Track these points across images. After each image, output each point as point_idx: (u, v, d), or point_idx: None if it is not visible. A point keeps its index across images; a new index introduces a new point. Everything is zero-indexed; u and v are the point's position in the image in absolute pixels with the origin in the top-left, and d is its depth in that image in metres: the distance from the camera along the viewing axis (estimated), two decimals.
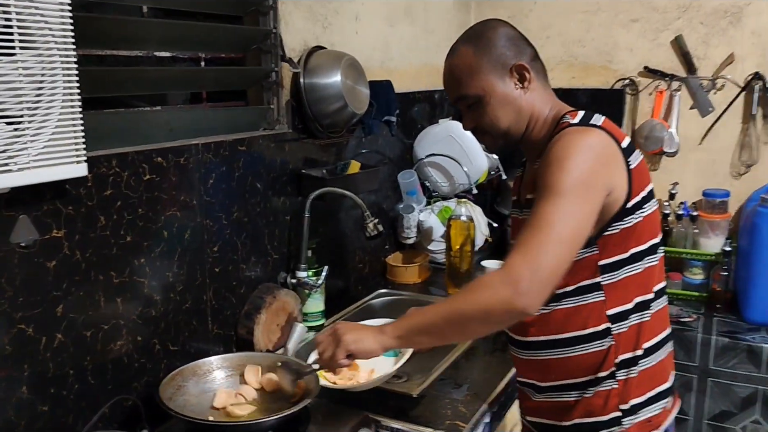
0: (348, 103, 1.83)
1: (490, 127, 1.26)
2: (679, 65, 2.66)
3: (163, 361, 1.45)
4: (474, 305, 1.11)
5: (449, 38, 2.71)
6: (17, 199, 1.11)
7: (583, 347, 1.22)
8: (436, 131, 2.48)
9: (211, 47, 1.69)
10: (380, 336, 1.22)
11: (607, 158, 1.15)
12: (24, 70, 1.01)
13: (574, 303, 1.21)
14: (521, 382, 1.37)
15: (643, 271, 1.21)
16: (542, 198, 1.11)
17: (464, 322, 1.14)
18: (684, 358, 2.33)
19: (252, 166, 1.67)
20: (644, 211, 1.19)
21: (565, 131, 1.17)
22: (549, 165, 1.13)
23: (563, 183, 1.10)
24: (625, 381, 1.22)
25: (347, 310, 2.04)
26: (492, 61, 1.23)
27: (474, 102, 1.25)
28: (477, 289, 1.12)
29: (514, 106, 1.24)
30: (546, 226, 1.08)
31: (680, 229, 2.60)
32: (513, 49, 1.24)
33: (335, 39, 2.00)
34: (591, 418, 1.24)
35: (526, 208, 1.28)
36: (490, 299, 1.08)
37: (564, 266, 1.09)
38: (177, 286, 1.47)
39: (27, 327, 1.16)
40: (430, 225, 2.40)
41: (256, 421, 1.28)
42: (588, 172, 1.12)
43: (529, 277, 1.05)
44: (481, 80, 1.23)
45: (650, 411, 1.24)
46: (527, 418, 1.38)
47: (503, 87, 1.23)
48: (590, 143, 1.14)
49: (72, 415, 1.25)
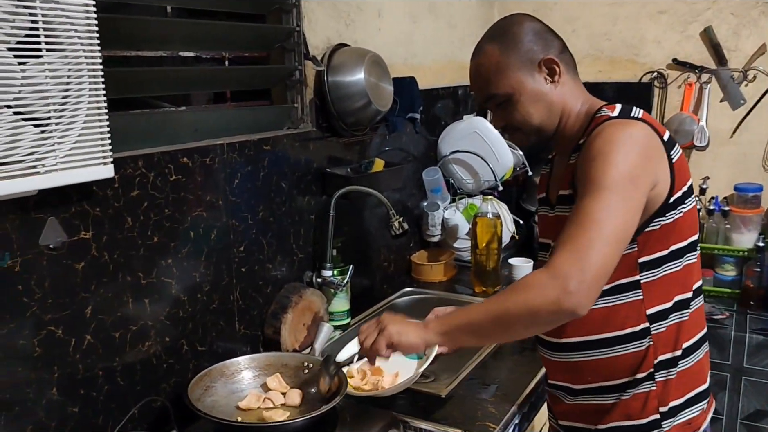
0: (372, 100, 1.81)
1: (522, 125, 1.23)
2: (709, 57, 2.60)
3: (191, 361, 1.45)
4: (521, 305, 1.07)
5: (473, 33, 2.69)
6: (45, 201, 1.11)
7: (621, 348, 1.19)
8: (460, 128, 2.45)
9: (234, 46, 1.68)
10: (424, 331, 1.20)
11: (651, 151, 1.11)
12: (50, 72, 1.01)
13: (611, 302, 1.18)
14: (552, 385, 1.33)
15: (683, 268, 1.18)
16: (587, 193, 1.07)
17: (510, 323, 1.10)
18: (717, 357, 2.28)
19: (277, 165, 1.66)
20: (685, 207, 1.16)
21: (606, 124, 1.14)
22: (593, 159, 1.09)
23: (609, 177, 1.06)
24: (665, 382, 1.19)
25: (372, 309, 2.03)
26: (520, 58, 1.20)
27: (504, 100, 1.22)
28: (523, 289, 1.08)
29: (545, 102, 1.21)
30: (593, 223, 1.05)
31: (711, 224, 2.54)
32: (540, 43, 1.21)
33: (358, 36, 1.99)
34: (629, 421, 1.20)
35: (559, 205, 1.25)
36: (538, 299, 1.05)
37: (612, 265, 1.06)
38: (204, 286, 1.47)
39: (56, 328, 1.16)
40: (455, 223, 2.37)
41: (285, 423, 1.27)
42: (633, 165, 1.08)
43: (578, 276, 1.02)
44: (509, 78, 1.20)
45: (689, 413, 1.21)
46: (560, 423, 1.34)
47: (533, 83, 1.20)
48: (634, 136, 1.11)
49: (102, 416, 1.26)
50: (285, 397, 1.39)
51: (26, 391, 1.12)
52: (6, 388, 1.09)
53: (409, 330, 1.21)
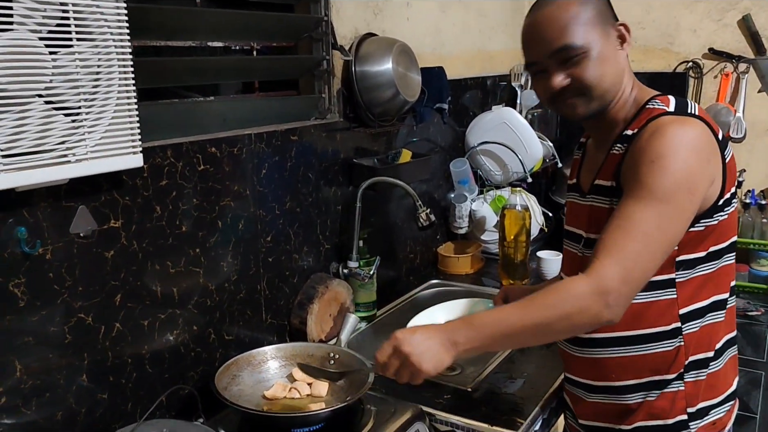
0: (400, 90, 1.80)
1: (592, 86, 1.11)
2: (747, 46, 2.52)
3: (219, 350, 1.46)
4: (560, 317, 1.04)
5: (503, 23, 2.66)
6: (76, 189, 1.12)
7: (650, 346, 1.16)
8: (488, 118, 2.42)
9: (262, 36, 1.68)
10: (453, 349, 1.08)
11: (708, 154, 1.06)
12: (81, 62, 1.02)
13: (644, 299, 1.14)
14: (571, 380, 1.30)
15: (721, 268, 1.15)
16: (640, 199, 1.03)
17: (547, 332, 1.08)
18: (751, 354, 2.22)
19: (304, 155, 1.66)
20: (731, 208, 1.12)
21: (663, 121, 1.07)
22: (651, 162, 1.03)
23: (665, 186, 1.02)
24: (694, 383, 1.16)
25: (399, 301, 2.02)
26: (600, 13, 1.11)
27: (577, 55, 1.09)
28: (564, 299, 1.04)
29: (617, 66, 1.13)
30: (643, 236, 1.01)
31: (747, 218, 2.48)
32: (611, 9, 1.15)
33: (386, 26, 1.97)
34: (655, 421, 1.17)
35: (594, 194, 1.20)
36: (578, 311, 1.02)
37: (652, 275, 1.05)
38: (231, 276, 1.47)
39: (86, 316, 1.18)
40: (482, 214, 2.35)
41: (311, 413, 1.27)
42: (692, 173, 1.03)
43: (619, 289, 1.00)
44: (589, 31, 1.09)
45: (716, 414, 1.18)
46: (580, 422, 1.31)
47: (608, 44, 1.11)
48: (694, 138, 1.04)
49: (130, 403, 1.27)
50: (311, 388, 1.39)
51: (57, 377, 1.14)
52: (37, 374, 1.11)
53: (435, 350, 1.08)
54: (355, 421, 1.30)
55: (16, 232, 1.05)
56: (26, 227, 1.06)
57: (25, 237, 1.06)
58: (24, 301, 1.08)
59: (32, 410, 1.10)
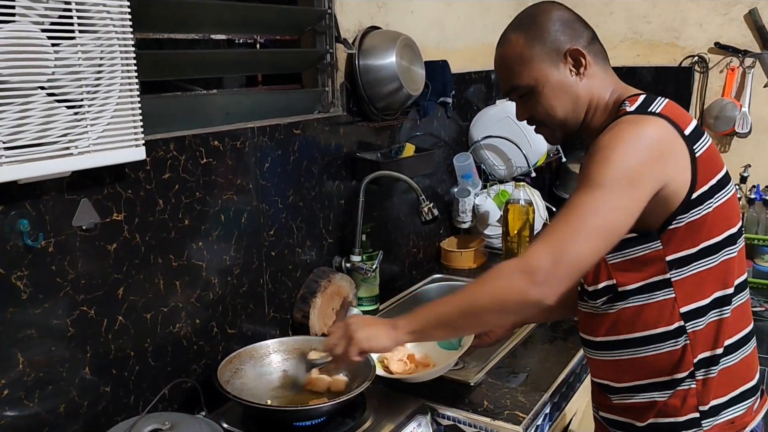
0: (403, 84, 1.79)
1: (546, 118, 1.19)
2: (753, 41, 2.51)
3: (221, 344, 1.46)
4: (488, 296, 1.07)
5: (507, 16, 2.64)
6: (78, 182, 1.12)
7: (656, 347, 1.15)
8: (492, 113, 2.41)
9: (266, 29, 1.67)
10: (393, 332, 1.18)
11: (661, 151, 1.06)
12: (83, 54, 1.02)
13: (641, 301, 1.14)
14: (596, 382, 1.29)
15: (720, 264, 1.12)
16: (579, 188, 1.05)
17: (479, 314, 1.10)
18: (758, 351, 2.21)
19: (307, 149, 1.65)
20: (715, 202, 1.10)
21: (619, 120, 1.09)
22: (593, 154, 1.06)
23: (604, 175, 1.03)
24: (704, 381, 1.14)
25: (401, 295, 2.02)
26: (545, 48, 1.15)
27: (527, 92, 1.18)
28: (492, 279, 1.08)
29: (570, 95, 1.17)
30: (577, 217, 1.03)
31: (752, 213, 2.47)
32: (568, 33, 1.16)
33: (390, 19, 1.96)
34: (667, 418, 1.17)
35: None
36: (505, 290, 1.05)
37: (591, 261, 1.04)
38: (234, 269, 1.47)
39: (89, 309, 1.18)
40: (486, 209, 2.34)
41: (313, 407, 1.27)
42: (635, 166, 1.04)
43: (548, 267, 1.01)
44: (533, 69, 1.15)
45: (733, 412, 1.16)
46: (600, 414, 1.30)
47: (557, 75, 1.16)
48: (643, 134, 1.06)
49: (133, 396, 1.27)
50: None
51: (59, 370, 1.14)
52: (40, 366, 1.11)
53: (379, 332, 1.19)
54: (357, 415, 1.30)
55: (18, 225, 1.05)
56: (29, 220, 1.06)
57: (28, 230, 1.06)
58: (26, 293, 1.08)
59: (35, 403, 1.11)
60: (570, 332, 1.72)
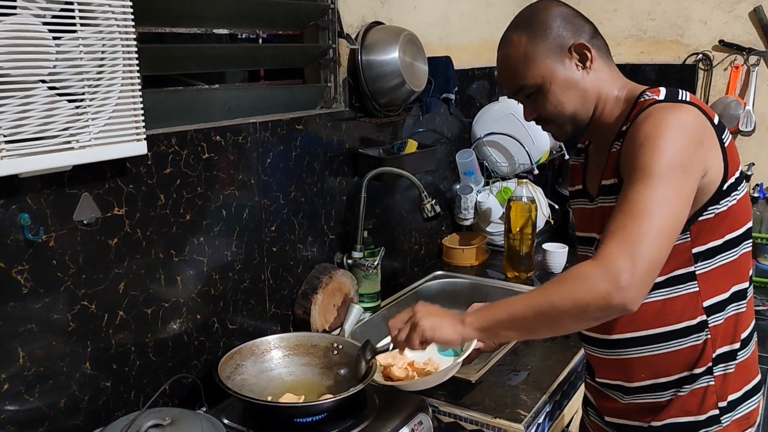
0: (406, 80, 1.78)
1: (555, 116, 1.17)
2: (758, 38, 2.49)
3: (222, 339, 1.46)
4: (568, 299, 1.01)
5: (510, 12, 2.62)
6: (79, 176, 1.12)
7: (677, 342, 1.13)
8: (495, 109, 2.40)
9: (268, 24, 1.67)
10: (460, 326, 1.13)
11: (701, 136, 1.05)
12: (85, 48, 1.01)
13: (665, 295, 1.12)
14: (604, 384, 1.27)
15: (740, 257, 1.13)
16: (636, 181, 1.02)
17: (556, 317, 1.04)
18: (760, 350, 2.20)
19: (309, 145, 1.65)
20: (739, 194, 1.10)
21: (654, 108, 1.07)
22: (641, 145, 1.03)
23: (658, 165, 1.01)
24: (723, 376, 1.14)
25: (403, 292, 2.02)
26: (548, 45, 1.14)
27: (534, 91, 1.16)
28: (572, 282, 1.02)
29: (578, 89, 1.15)
30: (643, 213, 0.99)
31: (756, 212, 2.46)
32: (569, 29, 1.15)
33: (393, 14, 1.95)
34: (687, 417, 1.15)
35: (602, 196, 1.19)
36: (587, 294, 0.99)
37: (664, 257, 1.01)
38: (235, 265, 1.47)
39: (90, 304, 1.17)
40: (488, 206, 2.34)
41: (313, 404, 1.27)
42: (684, 152, 1.02)
43: (629, 269, 0.96)
44: (538, 67, 1.14)
45: (747, 406, 1.17)
46: (606, 419, 1.28)
47: (564, 71, 1.14)
48: (684, 120, 1.04)
49: (133, 391, 1.27)
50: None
51: (60, 364, 1.14)
52: (40, 361, 1.11)
53: (445, 325, 1.15)
54: (358, 412, 1.30)
55: (19, 219, 1.05)
56: (29, 214, 1.05)
57: (29, 224, 1.05)
58: (27, 288, 1.08)
59: (35, 397, 1.10)
60: None
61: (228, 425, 1.26)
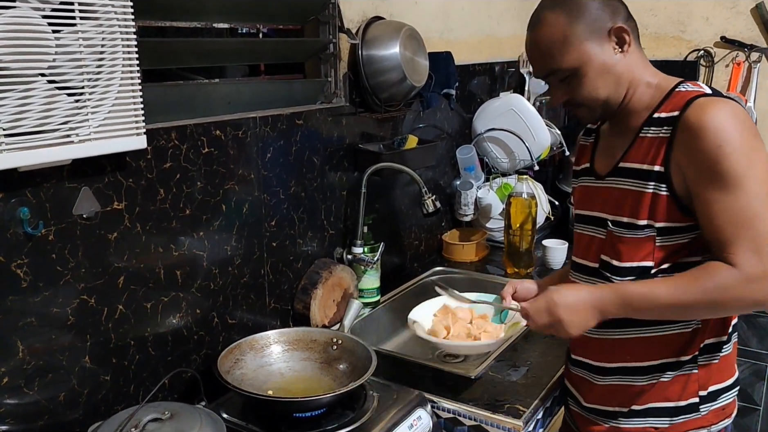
0: (407, 75, 1.78)
1: (588, 100, 1.15)
2: (760, 35, 2.49)
3: (222, 334, 1.46)
4: (712, 303, 1.06)
5: (511, 8, 2.63)
6: (79, 170, 1.12)
7: (667, 327, 1.16)
8: (496, 105, 2.40)
9: (269, 18, 1.66)
10: (600, 316, 1.13)
11: (755, 129, 1.08)
12: (84, 41, 1.01)
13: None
14: (581, 363, 1.29)
15: None
16: (735, 187, 1.04)
17: (693, 312, 1.11)
18: (757, 346, 2.21)
19: (309, 140, 1.64)
20: None
21: (705, 102, 1.08)
22: (718, 147, 1.04)
23: (748, 167, 1.04)
24: (707, 367, 1.17)
25: (403, 287, 2.02)
26: (588, 27, 1.10)
27: (568, 75, 1.13)
28: (718, 290, 1.05)
29: (613, 74, 1.13)
30: (758, 219, 1.04)
31: None
32: (608, 10, 1.12)
33: (394, 9, 1.95)
34: (667, 402, 1.19)
35: (619, 177, 1.18)
36: (733, 301, 1.05)
37: None
38: (235, 259, 1.47)
39: (89, 298, 1.17)
40: (488, 202, 2.34)
41: (312, 398, 1.27)
42: (758, 148, 1.06)
43: (765, 272, 1.03)
44: (577, 50, 1.10)
45: (726, 398, 1.20)
46: (586, 405, 1.30)
47: (601, 54, 1.11)
48: (743, 118, 1.07)
49: (133, 385, 1.27)
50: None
51: (59, 358, 1.14)
52: (40, 355, 1.11)
53: (587, 323, 1.13)
54: (357, 407, 1.30)
55: (18, 213, 1.04)
56: (29, 208, 1.05)
57: (28, 217, 1.05)
58: (27, 281, 1.07)
59: (34, 391, 1.11)
60: None
61: (227, 420, 1.26)
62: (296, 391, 1.35)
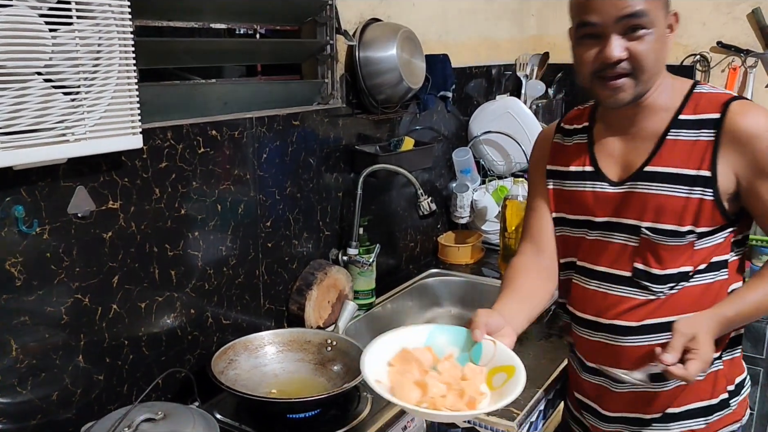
0: (404, 77, 1.78)
1: (646, 66, 1.06)
2: (756, 40, 2.50)
3: (216, 334, 1.45)
4: None
5: (509, 11, 2.63)
6: (74, 169, 1.11)
7: None
8: (492, 108, 2.40)
9: (266, 19, 1.66)
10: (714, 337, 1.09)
11: None
12: (81, 40, 1.01)
13: (708, 280, 1.15)
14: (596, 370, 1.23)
15: (747, 249, 1.21)
16: None
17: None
18: (750, 350, 2.22)
19: (305, 141, 1.64)
20: None
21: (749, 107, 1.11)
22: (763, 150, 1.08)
23: None
24: (731, 361, 1.21)
25: (398, 289, 2.02)
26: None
27: (643, 27, 1.04)
28: None
29: (665, 53, 1.11)
30: None
31: None
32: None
33: (392, 11, 1.95)
34: (702, 402, 1.19)
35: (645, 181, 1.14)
36: None
37: None
38: (230, 260, 1.47)
39: (83, 297, 1.17)
40: (484, 204, 2.34)
41: (306, 399, 1.27)
42: None
43: None
44: (657, 7, 1.05)
45: (747, 389, 1.25)
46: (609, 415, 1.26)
47: (664, 26, 1.08)
48: None
49: (126, 385, 1.27)
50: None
51: (53, 357, 1.14)
52: (33, 354, 1.11)
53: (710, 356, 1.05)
54: (351, 408, 1.30)
55: (13, 211, 1.04)
56: (24, 206, 1.05)
57: (23, 216, 1.05)
58: (21, 280, 1.07)
59: (28, 390, 1.10)
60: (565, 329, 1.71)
61: (221, 420, 1.26)
62: (290, 392, 1.35)
